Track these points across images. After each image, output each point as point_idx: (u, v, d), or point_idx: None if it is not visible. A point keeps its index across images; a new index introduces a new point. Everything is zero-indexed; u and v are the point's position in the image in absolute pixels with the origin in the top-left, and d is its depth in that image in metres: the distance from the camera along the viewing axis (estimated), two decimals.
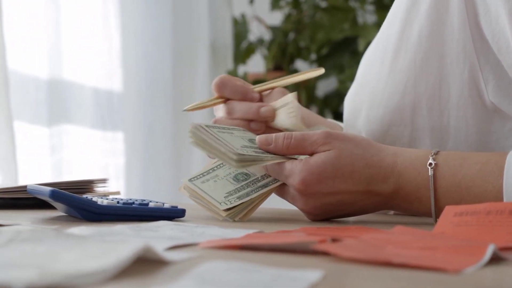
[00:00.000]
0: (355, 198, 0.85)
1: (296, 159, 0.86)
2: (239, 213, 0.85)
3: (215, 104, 1.00)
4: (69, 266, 0.45)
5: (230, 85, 0.99)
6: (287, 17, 2.59)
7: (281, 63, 2.57)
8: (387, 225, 0.85)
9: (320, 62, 2.52)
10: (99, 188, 1.04)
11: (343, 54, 2.47)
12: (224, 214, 0.85)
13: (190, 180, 0.90)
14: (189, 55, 2.37)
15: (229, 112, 0.99)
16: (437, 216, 0.84)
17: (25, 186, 0.97)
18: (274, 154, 0.87)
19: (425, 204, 0.84)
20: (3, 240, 0.52)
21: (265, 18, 2.65)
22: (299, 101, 0.99)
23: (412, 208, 0.87)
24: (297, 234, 0.67)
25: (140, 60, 2.22)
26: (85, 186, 1.03)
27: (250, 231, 0.72)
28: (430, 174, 0.83)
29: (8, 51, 1.66)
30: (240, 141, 0.89)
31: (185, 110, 1.00)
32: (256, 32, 2.65)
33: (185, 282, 0.44)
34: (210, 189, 0.88)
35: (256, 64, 2.64)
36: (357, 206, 0.86)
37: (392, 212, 0.99)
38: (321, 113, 2.54)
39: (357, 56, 2.43)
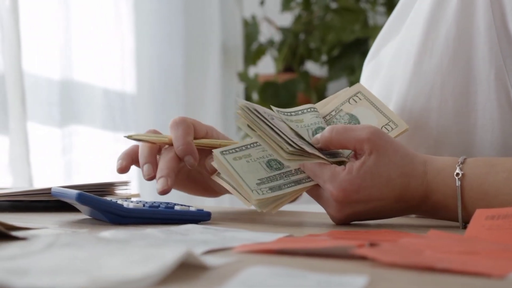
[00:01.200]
0: (386, 205, 0.84)
1: (338, 164, 0.84)
2: (268, 205, 0.83)
3: (162, 142, 0.95)
4: (114, 272, 0.45)
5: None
6: (297, 18, 2.59)
7: (291, 64, 2.57)
8: (411, 228, 0.84)
9: (330, 64, 2.51)
10: (121, 191, 1.04)
11: (354, 55, 2.47)
12: (254, 203, 0.82)
13: (222, 152, 0.86)
14: (201, 56, 2.37)
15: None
16: (464, 222, 0.83)
17: (49, 189, 0.96)
18: (321, 150, 0.85)
19: (452, 212, 0.84)
20: (42, 245, 0.52)
21: (275, 19, 2.65)
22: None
23: (438, 215, 0.87)
24: (329, 238, 0.67)
25: (153, 62, 2.21)
26: (106, 188, 1.03)
27: (280, 235, 0.71)
28: (457, 184, 0.83)
29: (23, 53, 1.66)
30: (291, 133, 0.86)
31: (126, 137, 0.96)
32: (266, 33, 2.65)
33: (232, 287, 0.44)
34: (243, 170, 0.84)
35: (266, 65, 2.64)
36: (385, 213, 0.86)
37: (414, 215, 0.98)
38: None
39: None
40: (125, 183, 1.03)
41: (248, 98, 2.51)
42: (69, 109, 1.91)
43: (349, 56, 2.47)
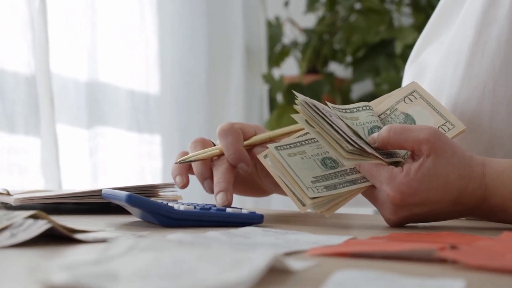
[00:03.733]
0: (443, 208, 0.83)
1: (395, 166, 0.83)
2: (323, 205, 0.81)
3: (213, 155, 0.93)
4: (209, 277, 0.43)
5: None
6: (321, 20, 2.57)
7: (315, 65, 2.56)
8: (461, 229, 0.83)
9: (355, 65, 2.50)
10: (166, 193, 1.02)
11: (379, 56, 2.45)
12: (309, 201, 0.80)
13: (276, 148, 0.84)
14: (224, 58, 2.35)
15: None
16: None
17: (98, 191, 0.95)
18: (378, 150, 0.83)
19: (510, 215, 0.83)
20: (122, 249, 0.50)
21: (298, 21, 2.63)
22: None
23: (495, 218, 0.85)
24: (389, 241, 0.66)
25: (176, 63, 2.21)
26: (151, 190, 1.02)
27: (344, 237, 0.70)
28: None
29: (52, 55, 1.65)
30: (349, 131, 0.84)
31: (178, 163, 0.93)
32: (289, 34, 2.63)
33: None
34: (297, 166, 0.82)
35: (289, 66, 2.62)
36: (441, 215, 0.84)
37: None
38: None
39: (393, 59, 2.41)
40: (171, 185, 1.02)
41: (272, 99, 2.50)
42: (96, 111, 1.90)
43: (374, 57, 2.46)
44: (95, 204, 1.02)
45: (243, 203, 2.34)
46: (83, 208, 1.04)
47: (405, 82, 1.15)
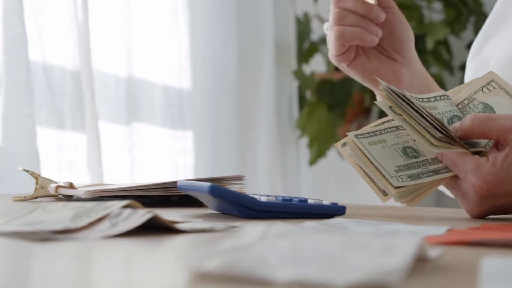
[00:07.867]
0: None
1: (480, 155, 0.82)
2: (407, 195, 0.80)
3: None
4: (367, 264, 0.42)
5: None
6: None
7: None
8: None
9: None
10: (233, 186, 1.01)
11: None
12: (393, 191, 0.79)
13: (356, 136, 0.83)
14: (254, 54, 2.34)
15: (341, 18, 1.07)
16: None
17: (171, 182, 0.95)
18: (461, 139, 0.82)
19: None
20: (257, 236, 0.49)
21: (326, 17, 2.62)
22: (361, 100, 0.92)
23: None
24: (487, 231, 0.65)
25: (207, 60, 2.20)
26: (218, 183, 1.00)
27: (441, 228, 0.69)
28: None
29: (93, 51, 1.65)
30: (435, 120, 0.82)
31: None
32: (317, 31, 2.61)
33: (495, 281, 0.41)
34: (379, 155, 0.81)
35: (318, 63, 2.61)
36: None
37: None
38: (382, 112, 2.50)
39: (423, 55, 2.39)
40: (239, 178, 1.00)
41: (302, 96, 2.48)
42: (133, 107, 1.89)
43: None
44: (157, 198, 1.02)
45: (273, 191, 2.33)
46: (145, 201, 1.03)
47: (467, 76, 1.14)
